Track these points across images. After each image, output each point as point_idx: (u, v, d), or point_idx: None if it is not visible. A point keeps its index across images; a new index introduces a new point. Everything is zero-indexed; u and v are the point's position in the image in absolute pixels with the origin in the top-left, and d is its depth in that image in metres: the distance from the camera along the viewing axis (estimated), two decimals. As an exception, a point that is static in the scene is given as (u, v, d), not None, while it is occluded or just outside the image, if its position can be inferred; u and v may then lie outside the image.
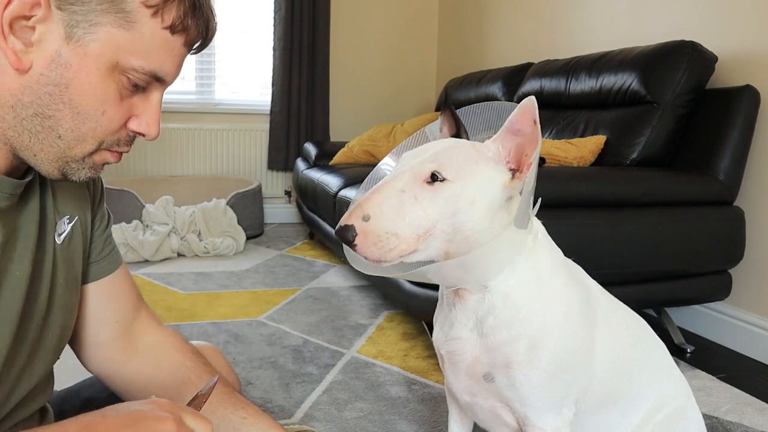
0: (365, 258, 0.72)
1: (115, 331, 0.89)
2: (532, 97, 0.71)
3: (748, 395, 1.66)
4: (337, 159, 3.36)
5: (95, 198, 0.86)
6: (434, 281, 0.80)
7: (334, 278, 2.73)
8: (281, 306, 2.32)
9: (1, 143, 0.64)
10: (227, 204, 3.36)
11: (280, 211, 4.19)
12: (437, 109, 3.71)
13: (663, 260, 1.79)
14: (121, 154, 0.69)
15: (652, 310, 2.15)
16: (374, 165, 0.96)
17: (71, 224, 0.77)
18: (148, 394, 0.83)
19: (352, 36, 4.19)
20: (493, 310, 0.79)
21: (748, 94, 1.92)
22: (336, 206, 2.51)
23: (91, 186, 0.85)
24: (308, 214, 3.30)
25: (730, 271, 1.97)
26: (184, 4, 0.64)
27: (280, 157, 4.01)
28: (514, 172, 0.75)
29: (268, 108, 4.00)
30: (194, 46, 0.69)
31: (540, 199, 0.82)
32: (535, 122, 0.71)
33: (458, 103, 3.42)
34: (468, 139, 0.84)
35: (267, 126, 4.03)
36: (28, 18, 0.58)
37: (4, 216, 0.66)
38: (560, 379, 0.80)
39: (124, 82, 0.63)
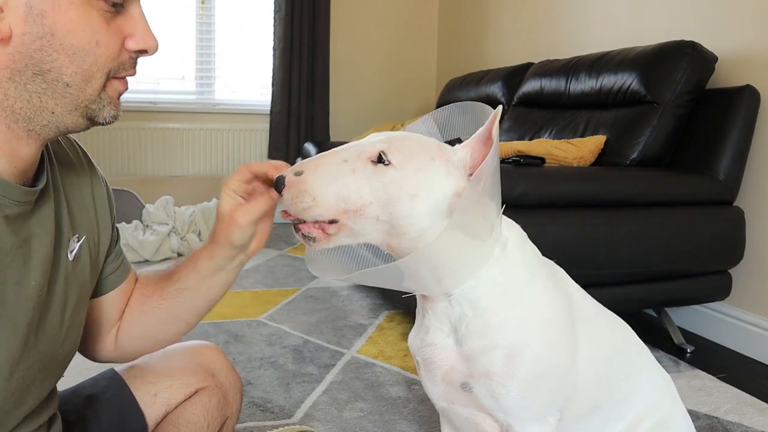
0: (286, 210, 0.73)
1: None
2: (500, 107, 0.70)
3: (748, 395, 1.66)
4: (337, 159, 3.35)
5: (113, 211, 0.88)
6: (392, 287, 0.77)
7: (334, 278, 2.73)
8: (281, 306, 2.32)
9: (12, 122, 0.63)
10: (227, 204, 3.36)
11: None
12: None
13: (663, 260, 1.79)
14: (127, 80, 0.69)
15: (652, 310, 2.15)
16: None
17: (79, 243, 0.77)
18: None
19: (352, 36, 4.19)
20: (464, 318, 0.76)
21: (748, 94, 1.92)
22: (336, 206, 2.51)
23: (111, 199, 0.87)
24: (308, 214, 3.29)
25: (730, 271, 1.97)
26: None
27: (280, 157, 4.00)
28: None
29: (268, 108, 4.00)
30: None
31: (504, 206, 0.78)
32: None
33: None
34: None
35: (267, 126, 4.03)
36: None
37: (14, 223, 0.65)
38: (543, 388, 0.77)
39: (102, 5, 0.63)
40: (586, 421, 0.87)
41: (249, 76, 4.07)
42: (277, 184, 0.72)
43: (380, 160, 0.71)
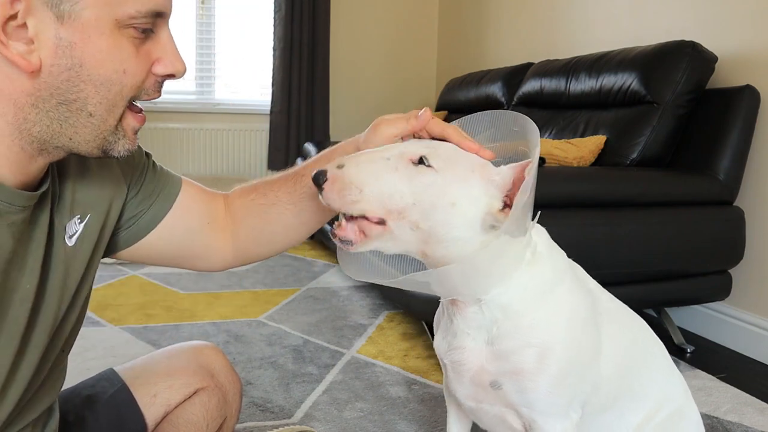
0: (328, 205, 0.72)
1: (213, 229, 0.93)
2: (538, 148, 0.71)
3: (748, 395, 1.66)
4: (337, 159, 3.35)
5: (131, 174, 0.85)
6: (425, 290, 0.78)
7: (334, 278, 2.73)
8: (281, 306, 2.32)
9: (26, 144, 0.62)
10: (227, 204, 3.36)
11: (280, 211, 4.18)
12: (438, 109, 3.71)
13: (663, 260, 1.79)
14: (144, 116, 0.69)
15: (652, 310, 2.15)
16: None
17: (83, 223, 0.76)
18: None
19: (352, 36, 4.19)
20: (495, 322, 0.78)
21: (748, 94, 1.92)
22: (336, 206, 2.51)
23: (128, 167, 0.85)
24: (308, 214, 3.29)
25: (730, 271, 1.97)
26: None
27: (280, 157, 4.01)
28: (507, 206, 0.72)
29: (268, 108, 4.00)
30: None
31: (539, 212, 0.79)
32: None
33: (458, 102, 3.42)
34: None
35: (267, 126, 4.03)
36: (15, 17, 0.56)
37: (16, 229, 0.65)
38: (569, 384, 0.80)
39: (132, 33, 0.61)
40: (609, 414, 0.89)
41: (249, 76, 4.07)
42: (318, 179, 0.71)
43: (421, 162, 0.71)
